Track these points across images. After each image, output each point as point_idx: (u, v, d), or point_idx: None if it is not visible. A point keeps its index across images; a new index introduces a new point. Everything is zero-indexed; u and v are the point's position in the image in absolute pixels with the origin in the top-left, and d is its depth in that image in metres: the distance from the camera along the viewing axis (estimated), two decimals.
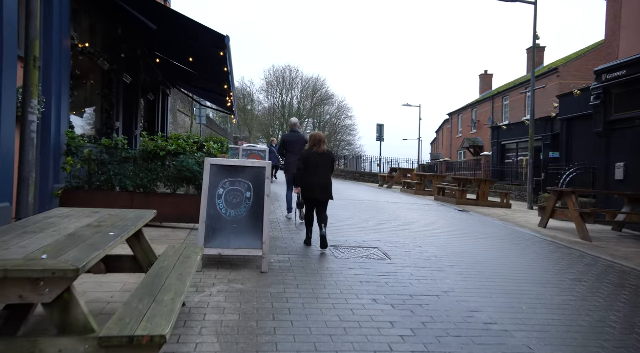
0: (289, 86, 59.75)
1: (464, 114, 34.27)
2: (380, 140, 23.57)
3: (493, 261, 6.02)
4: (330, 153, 6.31)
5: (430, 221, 9.37)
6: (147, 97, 13.26)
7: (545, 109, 21.85)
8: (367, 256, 5.84)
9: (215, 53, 8.23)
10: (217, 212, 4.98)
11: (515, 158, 19.29)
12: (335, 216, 8.98)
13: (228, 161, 5.27)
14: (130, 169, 6.67)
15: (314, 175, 6.02)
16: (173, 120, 29.77)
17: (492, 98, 28.73)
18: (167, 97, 15.78)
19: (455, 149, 35.81)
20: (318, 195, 6.01)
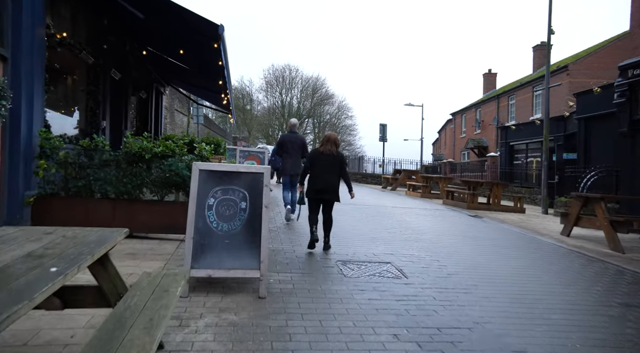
0: (288, 85, 59.10)
1: (468, 114, 33.55)
2: (383, 141, 22.85)
3: (522, 279, 5.29)
4: (340, 155, 6.05)
5: (444, 229, 8.64)
6: (139, 95, 12.52)
7: (556, 108, 21.13)
8: (379, 273, 5.11)
9: (209, 45, 7.50)
10: (207, 226, 4.25)
11: (524, 159, 18.58)
12: (341, 224, 8.25)
13: (220, 166, 4.54)
14: (112, 173, 5.94)
15: (318, 175, 5.87)
16: (170, 119, 29.09)
17: (497, 97, 28.02)
18: (162, 95, 15.04)
19: (458, 149, 35.09)
20: (322, 195, 5.89)
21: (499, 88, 33.75)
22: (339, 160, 5.97)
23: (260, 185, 4.48)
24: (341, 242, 6.68)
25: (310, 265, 5.29)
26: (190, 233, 4.15)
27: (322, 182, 5.86)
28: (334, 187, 5.90)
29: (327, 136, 6.12)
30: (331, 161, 5.90)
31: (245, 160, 11.03)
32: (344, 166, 6.04)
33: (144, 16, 7.10)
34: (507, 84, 31.96)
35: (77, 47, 7.43)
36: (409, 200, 13.96)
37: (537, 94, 23.55)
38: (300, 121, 59.53)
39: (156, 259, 5.08)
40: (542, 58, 26.80)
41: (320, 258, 5.66)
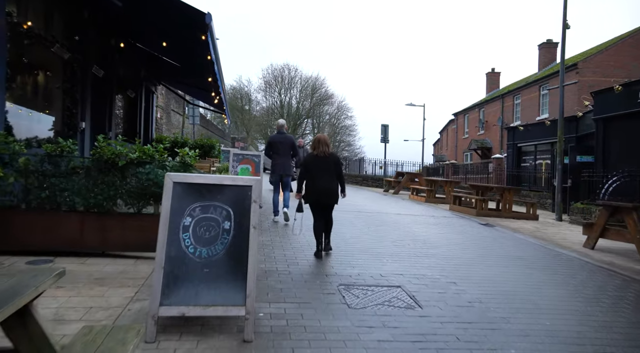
0: (287, 85, 58.34)
1: (471, 114, 32.79)
2: (384, 142, 22.09)
3: (558, 308, 4.53)
4: (334, 155, 5.96)
5: (455, 240, 7.88)
6: (126, 94, 11.75)
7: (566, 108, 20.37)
8: (389, 302, 4.35)
9: (197, 38, 6.73)
10: (182, 252, 3.48)
11: (532, 161, 17.82)
12: (342, 235, 7.49)
13: (199, 178, 3.77)
14: (81, 182, 5.18)
15: (317, 179, 5.75)
16: (167, 120, 28.35)
17: (502, 97, 27.26)
18: (153, 94, 14.28)
19: (460, 151, 34.35)
20: (321, 199, 5.79)
21: (502, 87, 33.00)
22: (333, 161, 5.90)
23: (248, 201, 3.72)
24: (344, 258, 5.92)
25: (309, 291, 4.52)
26: (160, 261, 3.39)
27: (321, 187, 5.75)
28: (334, 190, 5.85)
29: (317, 138, 5.99)
30: (327, 163, 5.82)
31: (239, 165, 10.25)
32: (339, 166, 6.00)
33: (121, 4, 6.33)
34: (512, 83, 31.22)
35: (48, 39, 6.67)
36: (413, 206, 13.20)
37: (544, 93, 22.81)
38: (299, 121, 58.81)
39: (127, 285, 4.32)
40: (548, 56, 26.07)
41: (320, 280, 4.90)
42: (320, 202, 5.82)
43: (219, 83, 8.95)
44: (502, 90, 30.27)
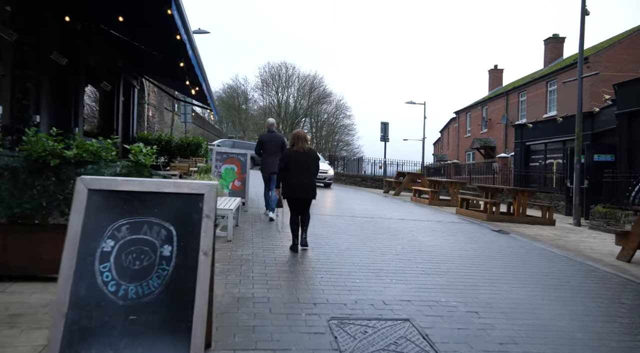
0: (285, 84, 57.24)
1: (473, 112, 31.73)
2: (384, 140, 21.01)
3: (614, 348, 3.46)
4: (313, 152, 6.10)
5: (468, 252, 6.82)
6: (100, 87, 10.65)
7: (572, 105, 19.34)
8: (395, 345, 3.30)
9: (163, 14, 5.66)
10: (97, 290, 2.41)
11: (542, 161, 16.76)
12: (336, 246, 6.44)
13: (129, 183, 2.68)
14: (4, 186, 4.09)
15: (296, 175, 5.86)
16: (159, 118, 27.25)
17: (506, 94, 26.21)
18: (133, 88, 13.19)
19: (462, 150, 33.28)
20: (299, 194, 5.90)
21: (506, 84, 31.97)
22: (313, 157, 6.04)
23: (197, 216, 2.64)
24: (338, 278, 4.86)
25: (290, 329, 3.45)
26: (62, 306, 2.31)
27: (300, 182, 5.87)
28: (312, 185, 5.99)
29: (296, 134, 6.12)
30: (306, 159, 5.93)
31: (223, 164, 9.16)
32: (317, 162, 6.12)
33: None
34: (516, 79, 30.17)
35: None
36: (416, 209, 12.12)
37: (551, 90, 21.77)
38: (297, 120, 57.74)
39: (45, 326, 3.24)
40: (554, 51, 25.02)
41: (306, 311, 3.83)
42: (298, 197, 5.91)
43: (197, 71, 7.87)
44: (506, 87, 29.23)
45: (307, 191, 5.91)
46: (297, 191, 5.87)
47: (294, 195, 5.91)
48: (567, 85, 20.20)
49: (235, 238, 6.47)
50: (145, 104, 23.44)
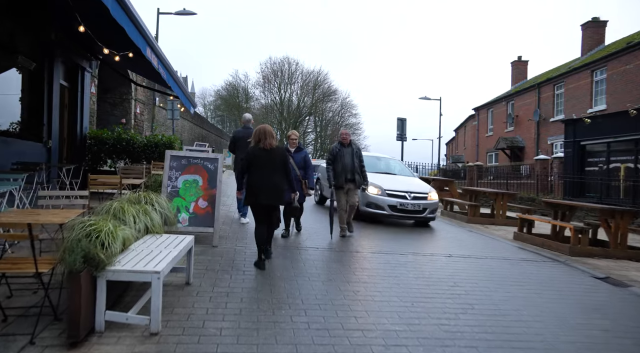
0: (287, 80, 54.12)
1: (496, 108, 28.43)
2: (401, 139, 17.86)
3: None
4: (280, 149, 5.31)
5: (586, 333, 3.64)
6: (15, 63, 7.54)
7: (629, 97, 16.11)
8: None
9: None
10: None
11: (604, 165, 13.52)
12: (342, 320, 3.26)
13: None
14: None
15: (260, 175, 5.02)
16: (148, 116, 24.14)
17: (538, 86, 22.93)
18: (82, 71, 10.07)
19: (483, 150, 30.00)
20: (264, 200, 5.01)
21: (531, 77, 28.67)
22: (280, 155, 5.18)
23: None
24: None
25: None
26: None
27: (264, 184, 4.99)
28: (279, 188, 5.10)
29: (262, 130, 5.15)
30: (272, 158, 5.08)
31: (182, 175, 6.04)
32: (286, 161, 5.21)
33: None
34: (548, 70, 26.85)
35: None
36: (458, 234, 8.90)
37: (598, 80, 18.49)
38: (301, 119, 54.67)
39: None
40: (595, 37, 21.75)
41: None
42: (262, 202, 5.04)
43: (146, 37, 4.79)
44: (535, 79, 25.93)
45: (273, 196, 5.05)
46: (260, 196, 5.01)
47: (256, 202, 5.07)
48: (620, 74, 16.96)
49: (172, 326, 3.34)
50: (132, 99, 20.36)
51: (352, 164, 7.13)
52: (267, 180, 4.99)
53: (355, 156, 7.20)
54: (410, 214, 8.83)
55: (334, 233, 7.03)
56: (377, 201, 8.64)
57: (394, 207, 8.63)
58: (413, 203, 8.72)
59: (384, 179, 9.11)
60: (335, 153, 7.24)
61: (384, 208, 8.63)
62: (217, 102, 60.81)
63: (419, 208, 8.80)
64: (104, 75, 14.76)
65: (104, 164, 10.47)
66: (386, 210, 8.62)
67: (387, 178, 9.35)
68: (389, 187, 8.83)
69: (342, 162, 7.12)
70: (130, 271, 3.25)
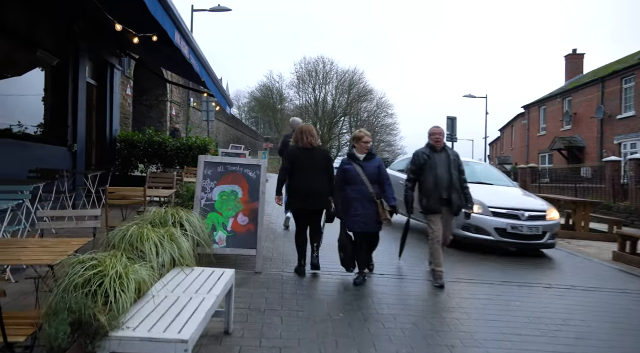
0: (322, 80, 53.09)
1: (549, 105, 26.29)
2: (451, 140, 16.41)
3: None
4: (322, 149, 5.30)
5: None
6: (34, 57, 6.76)
7: None
8: None
9: None
10: None
11: None
12: None
13: None
14: None
15: (302, 178, 4.75)
16: (184, 117, 23.70)
17: (602, 80, 20.82)
18: (112, 69, 9.29)
19: (534, 151, 27.86)
20: (307, 204, 4.74)
21: (588, 72, 26.36)
22: (323, 155, 4.91)
23: None
24: None
25: None
26: None
27: (306, 187, 4.70)
28: (321, 191, 4.76)
29: (300, 127, 4.94)
30: (313, 159, 4.77)
31: (218, 185, 5.02)
32: (330, 162, 4.93)
33: None
34: (608, 63, 24.54)
35: None
36: (539, 251, 7.43)
37: None
38: (335, 120, 53.54)
39: None
40: None
41: None
42: (304, 207, 4.75)
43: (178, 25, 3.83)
44: (595, 73, 23.72)
45: (316, 200, 4.71)
46: (303, 200, 4.70)
47: (299, 206, 4.78)
48: None
49: None
50: (168, 101, 19.85)
51: (449, 178, 4.93)
52: (308, 182, 4.71)
53: (453, 166, 4.99)
54: (525, 240, 6.48)
55: (402, 255, 5.62)
56: (478, 222, 6.41)
57: (502, 230, 6.40)
58: (529, 225, 6.42)
59: (481, 191, 6.64)
60: (424, 161, 5.00)
61: (488, 232, 6.45)
62: (251, 104, 60.64)
63: (537, 232, 6.46)
64: (140, 76, 14.16)
65: (135, 169, 9.67)
66: (492, 235, 6.44)
67: (485, 189, 6.96)
68: (493, 202, 6.60)
69: (434, 174, 4.93)
70: (145, 338, 2.18)
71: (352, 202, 4.60)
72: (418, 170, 5.02)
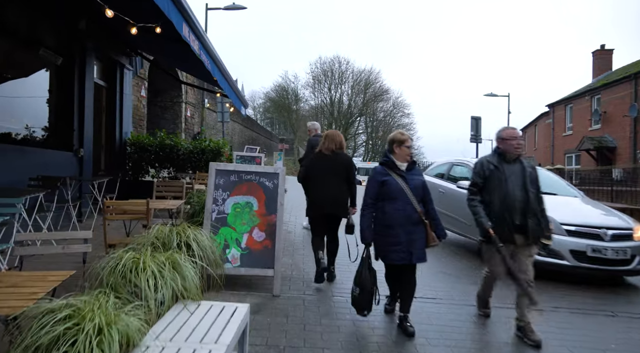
0: (337, 80, 52.47)
1: (577, 103, 25.17)
2: (476, 141, 15.63)
3: None
4: (344, 155, 4.76)
5: None
6: (37, 55, 6.32)
7: None
8: None
9: None
10: None
11: None
12: None
13: None
14: None
15: (318, 183, 4.63)
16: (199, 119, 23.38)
17: (634, 77, 19.74)
18: (122, 69, 8.85)
19: (559, 151, 26.75)
20: (324, 211, 4.57)
21: (618, 68, 25.18)
22: (344, 162, 4.67)
23: None
24: None
25: None
26: None
27: (325, 194, 4.55)
28: (339, 199, 4.61)
29: (325, 133, 4.91)
30: (332, 165, 4.61)
31: (231, 196, 4.47)
32: (351, 169, 4.68)
33: None
34: (637, 60, 23.34)
35: None
36: None
37: None
38: (351, 120, 52.88)
39: None
40: None
41: None
42: (323, 214, 4.59)
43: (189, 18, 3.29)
44: (626, 69, 22.58)
45: (334, 206, 4.55)
46: (321, 206, 4.56)
47: (318, 213, 4.63)
48: None
49: None
50: (183, 102, 19.50)
51: (525, 197, 3.66)
52: (326, 188, 4.56)
53: (530, 182, 3.71)
54: (609, 266, 5.24)
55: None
56: None
57: (580, 254, 5.24)
58: (615, 246, 5.22)
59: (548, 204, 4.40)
60: (489, 172, 3.79)
61: (562, 255, 5.28)
62: (266, 104, 60.36)
63: (625, 256, 5.24)
64: (154, 77, 13.81)
65: (146, 173, 9.21)
66: (567, 259, 5.28)
67: (553, 201, 5.18)
68: (566, 218, 5.45)
69: (504, 191, 3.69)
70: None
71: (393, 225, 3.54)
72: (481, 184, 3.82)
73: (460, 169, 7.57)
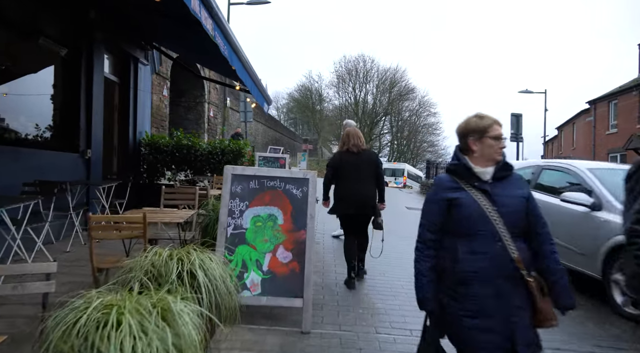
0: (362, 79, 51.44)
1: (622, 100, 23.45)
2: (516, 140, 14.40)
3: None
4: (370, 152, 4.81)
5: None
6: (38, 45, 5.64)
7: None
8: None
9: None
10: None
11: None
12: None
13: None
14: None
15: (347, 183, 4.55)
16: (222, 119, 22.85)
17: None
18: (136, 63, 8.17)
19: (602, 151, 25.02)
20: (353, 210, 4.57)
21: None
22: (371, 160, 4.63)
23: None
24: None
25: None
26: None
27: (353, 193, 4.51)
28: (370, 196, 4.59)
29: (347, 131, 4.77)
30: (360, 162, 4.56)
31: (249, 208, 3.61)
32: (379, 167, 4.63)
33: None
34: None
35: None
36: None
37: None
38: (376, 119, 51.75)
39: None
40: None
41: None
42: (351, 213, 4.61)
43: None
44: None
45: (362, 205, 4.51)
46: (349, 205, 4.53)
47: (345, 212, 4.65)
48: None
49: None
50: (205, 102, 18.96)
51: None
52: (354, 188, 4.52)
53: None
54: None
55: None
56: None
57: None
58: None
59: None
60: None
61: None
62: (289, 105, 59.89)
63: None
64: (177, 77, 13.25)
65: (162, 176, 8.52)
66: None
67: None
68: None
69: None
70: None
71: (469, 281, 1.98)
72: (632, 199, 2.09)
73: (556, 175, 5.87)
